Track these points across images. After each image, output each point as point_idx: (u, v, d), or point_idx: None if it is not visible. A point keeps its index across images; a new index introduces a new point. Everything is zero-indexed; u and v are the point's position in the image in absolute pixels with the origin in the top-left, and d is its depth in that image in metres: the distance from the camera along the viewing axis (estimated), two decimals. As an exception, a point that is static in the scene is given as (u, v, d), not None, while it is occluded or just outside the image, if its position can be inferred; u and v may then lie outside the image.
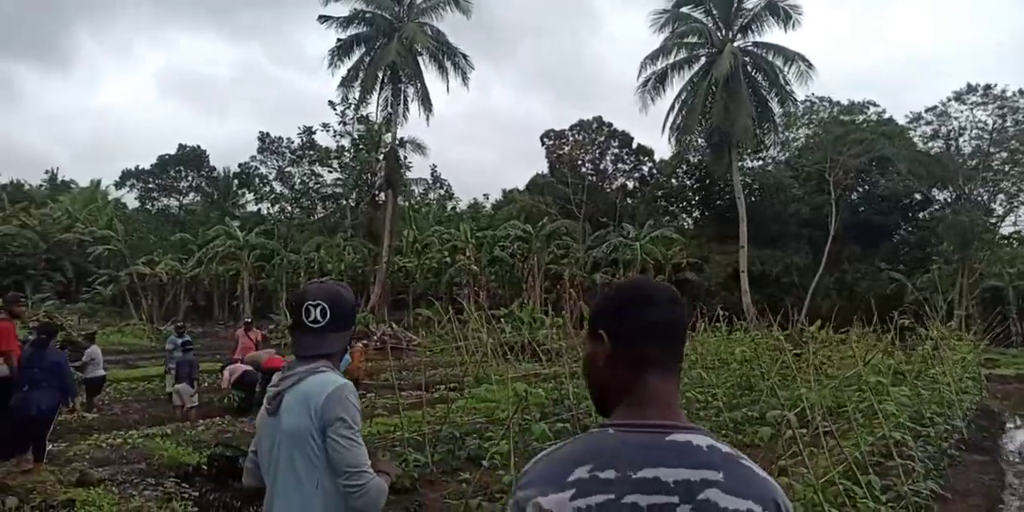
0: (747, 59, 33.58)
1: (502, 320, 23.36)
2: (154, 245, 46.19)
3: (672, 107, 34.13)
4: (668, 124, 34.23)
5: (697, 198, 50.97)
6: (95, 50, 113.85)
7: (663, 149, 53.73)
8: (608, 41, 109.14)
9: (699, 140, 41.37)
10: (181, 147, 55.17)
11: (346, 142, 48.24)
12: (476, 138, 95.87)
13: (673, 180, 53.03)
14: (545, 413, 9.63)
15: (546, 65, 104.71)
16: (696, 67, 33.87)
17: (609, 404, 1.29)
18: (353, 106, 44.63)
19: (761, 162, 49.46)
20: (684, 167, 49.62)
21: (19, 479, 6.94)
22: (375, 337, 27.67)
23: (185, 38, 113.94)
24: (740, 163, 37.27)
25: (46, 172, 63.65)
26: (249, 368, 13.37)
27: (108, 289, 41.30)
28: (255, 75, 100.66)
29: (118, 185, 54.37)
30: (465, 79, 35.96)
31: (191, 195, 56.04)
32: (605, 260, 39.55)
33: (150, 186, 54.35)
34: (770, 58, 33.46)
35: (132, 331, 30.32)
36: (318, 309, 2.17)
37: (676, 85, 34.15)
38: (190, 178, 55.46)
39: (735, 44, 33.24)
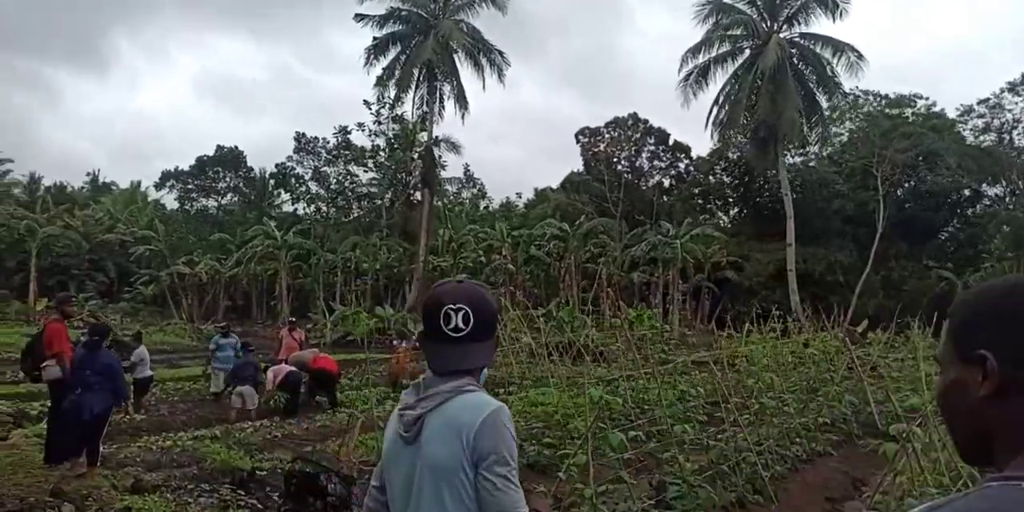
0: (794, 51, 32.69)
1: (540, 319, 23.00)
2: (194, 245, 46.74)
3: (716, 101, 33.36)
4: (711, 119, 33.48)
5: (736, 195, 50.04)
6: (132, 53, 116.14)
7: (700, 146, 52.91)
8: (640, 37, 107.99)
9: (740, 136, 40.50)
10: (219, 148, 55.80)
11: (381, 141, 48.32)
12: (505, 136, 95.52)
13: (711, 177, 52.21)
14: (602, 418, 9.22)
15: (576, 62, 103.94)
16: (740, 60, 33.05)
17: (995, 450, 0.91)
18: (388, 105, 44.68)
19: (803, 157, 48.36)
20: (722, 164, 48.70)
21: (73, 484, 6.76)
22: (413, 337, 27.56)
23: (219, 41, 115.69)
24: (784, 158, 36.33)
25: (87, 174, 65.11)
26: (293, 369, 13.22)
27: (149, 289, 41.87)
28: (289, 76, 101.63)
29: (158, 186, 55.27)
30: (501, 76, 35.70)
31: (229, 196, 56.60)
32: (644, 259, 38.91)
33: (189, 187, 55.01)
34: (818, 50, 32.52)
35: (174, 330, 30.60)
36: (460, 315, 1.79)
37: (719, 79, 33.41)
38: (228, 179, 56.00)
39: (781, 35, 32.36)
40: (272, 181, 54.34)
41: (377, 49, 35.11)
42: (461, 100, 35.56)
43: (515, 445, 1.75)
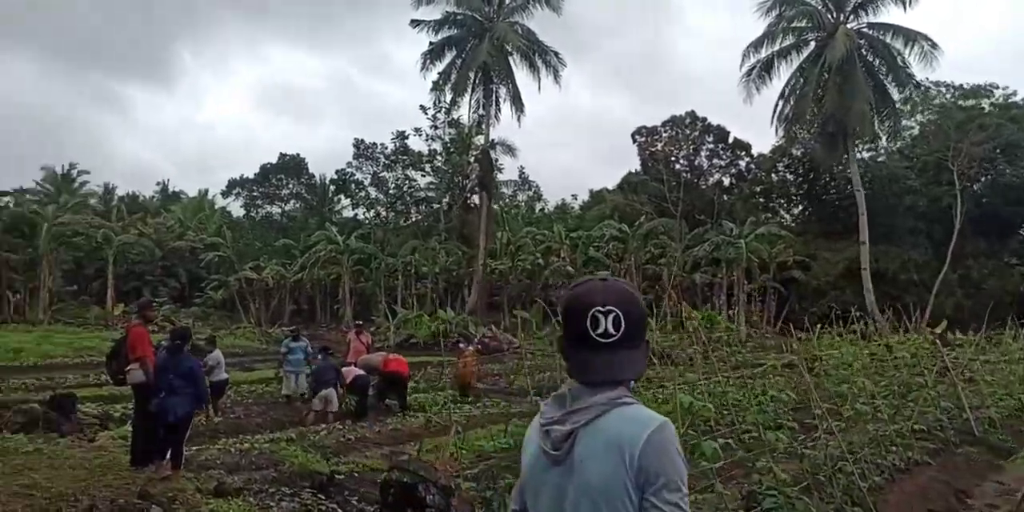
0: (862, 41, 31.42)
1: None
2: (259, 251, 47.89)
3: (781, 95, 32.26)
4: (776, 114, 32.40)
5: (800, 193, 48.60)
6: (197, 67, 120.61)
7: (760, 143, 51.69)
8: (692, 37, 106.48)
9: (806, 132, 39.21)
10: (281, 156, 57.16)
11: (438, 146, 48.71)
12: (557, 139, 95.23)
13: (773, 175, 50.90)
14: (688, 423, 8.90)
15: (628, 63, 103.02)
16: (806, 53, 31.88)
17: None
18: (444, 110, 45.00)
19: (871, 152, 46.56)
20: (785, 160, 47.33)
21: (159, 486, 6.85)
22: (475, 340, 27.60)
23: (278, 52, 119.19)
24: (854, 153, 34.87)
25: (157, 184, 67.67)
26: (361, 372, 13.26)
27: (219, 294, 43.10)
28: (346, 85, 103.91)
29: (224, 194, 56.87)
30: (557, 77, 35.50)
31: (292, 202, 57.89)
32: (707, 259, 38.04)
33: (254, 194, 56.45)
34: (888, 40, 31.19)
35: (244, 334, 31.37)
36: (610, 318, 1.57)
37: (783, 73, 32.28)
38: (291, 185, 57.25)
39: (848, 26, 31.15)
40: (333, 187, 55.36)
41: (433, 54, 35.35)
42: (516, 102, 35.50)
43: (685, 466, 1.54)
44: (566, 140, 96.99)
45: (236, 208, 57.44)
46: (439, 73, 36.56)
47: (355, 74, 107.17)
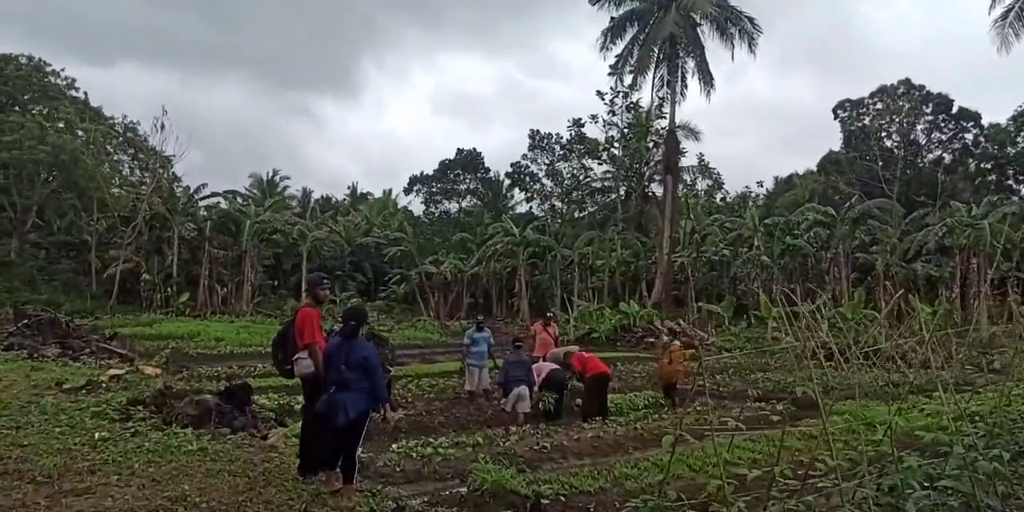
0: None
1: (820, 317, 19.48)
2: (438, 246, 48.69)
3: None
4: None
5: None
6: (380, 79, 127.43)
7: (992, 114, 44.22)
8: (881, 4, 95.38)
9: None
10: (459, 151, 58.11)
11: (615, 133, 46.68)
12: (731, 127, 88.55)
13: (1010, 148, 43.41)
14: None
15: (804, 42, 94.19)
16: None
17: None
18: (623, 93, 42.85)
19: None
20: (1030, 128, 39.97)
21: (327, 504, 5.50)
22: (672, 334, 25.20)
23: (452, 60, 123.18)
24: None
25: (348, 187, 71.72)
26: (555, 366, 11.76)
27: (401, 288, 44.06)
28: (515, 88, 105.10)
29: (406, 191, 58.86)
30: (752, 46, 31.95)
31: (468, 198, 58.64)
32: (936, 245, 32.53)
33: (433, 190, 57.82)
34: None
35: (424, 327, 31.34)
36: None
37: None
38: (467, 181, 58.01)
39: None
40: (507, 181, 55.21)
41: (613, 32, 33.18)
42: (705, 75, 32.37)
43: None
44: (742, 128, 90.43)
45: (416, 205, 59.26)
46: (616, 56, 34.49)
47: (523, 76, 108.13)
